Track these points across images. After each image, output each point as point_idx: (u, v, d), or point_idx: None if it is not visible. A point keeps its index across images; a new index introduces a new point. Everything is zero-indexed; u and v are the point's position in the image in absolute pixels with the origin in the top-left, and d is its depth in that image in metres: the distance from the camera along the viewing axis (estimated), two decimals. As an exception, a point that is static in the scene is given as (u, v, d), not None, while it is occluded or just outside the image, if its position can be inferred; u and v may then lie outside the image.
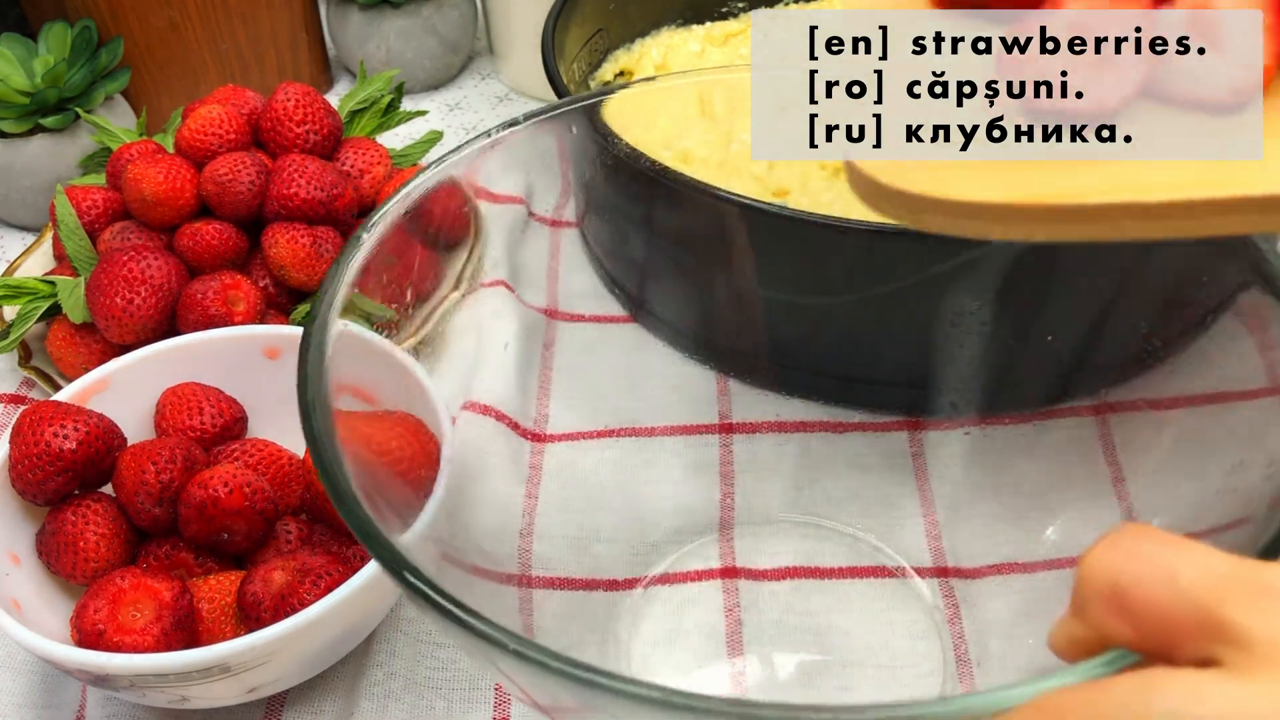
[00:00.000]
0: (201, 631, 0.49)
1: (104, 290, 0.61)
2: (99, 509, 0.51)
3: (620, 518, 0.58)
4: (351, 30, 0.93)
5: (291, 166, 0.66)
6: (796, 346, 0.60)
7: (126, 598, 0.47)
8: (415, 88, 0.95)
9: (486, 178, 0.54)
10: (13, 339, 0.64)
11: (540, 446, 0.60)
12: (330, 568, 0.48)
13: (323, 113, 0.70)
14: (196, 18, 0.84)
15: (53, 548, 0.51)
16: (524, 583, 0.54)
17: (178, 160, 0.67)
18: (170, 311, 0.63)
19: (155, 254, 0.63)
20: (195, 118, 0.69)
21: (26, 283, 0.66)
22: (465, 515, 0.53)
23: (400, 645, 0.53)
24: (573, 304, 0.64)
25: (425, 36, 0.93)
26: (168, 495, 0.50)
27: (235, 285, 0.63)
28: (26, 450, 0.50)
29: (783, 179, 0.65)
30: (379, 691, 0.51)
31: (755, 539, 0.58)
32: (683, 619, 0.55)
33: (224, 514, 0.50)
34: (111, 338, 0.62)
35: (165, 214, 0.66)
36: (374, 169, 0.71)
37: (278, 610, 0.47)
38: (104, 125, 0.75)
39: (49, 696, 0.53)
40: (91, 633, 0.46)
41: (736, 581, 0.56)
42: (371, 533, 0.36)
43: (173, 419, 0.56)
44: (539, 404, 0.61)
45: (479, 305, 0.60)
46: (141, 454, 0.51)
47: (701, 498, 0.59)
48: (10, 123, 0.75)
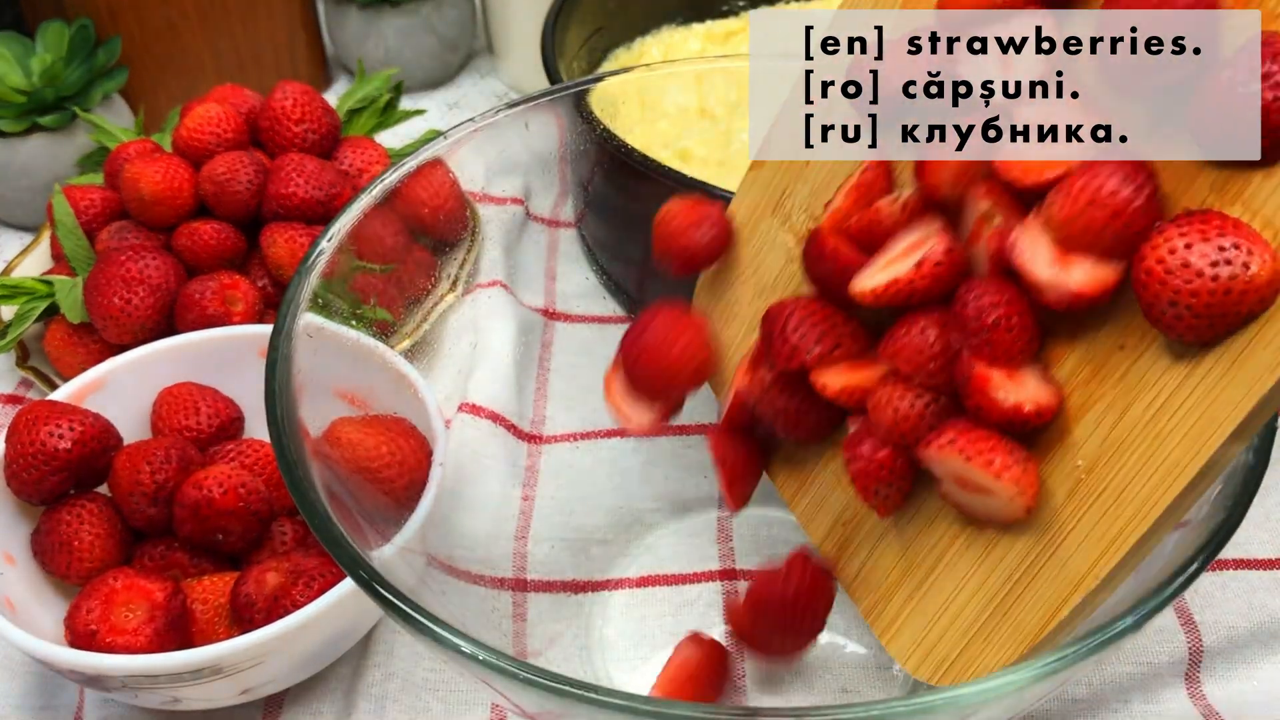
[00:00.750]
0: (195, 632, 0.49)
1: (102, 290, 0.61)
2: (94, 509, 0.51)
3: (617, 519, 0.58)
4: (350, 29, 0.93)
5: (290, 166, 0.65)
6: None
7: (119, 598, 0.47)
8: (414, 87, 0.95)
9: (471, 175, 0.54)
10: (10, 339, 0.64)
11: (538, 448, 0.60)
12: (324, 569, 0.48)
13: (321, 112, 0.70)
14: (194, 17, 0.83)
15: (47, 547, 0.51)
16: (518, 586, 0.54)
17: (176, 159, 0.67)
18: (168, 311, 0.63)
19: (153, 254, 0.63)
20: (193, 117, 0.68)
21: (24, 283, 0.65)
22: (460, 518, 0.52)
23: (398, 646, 0.53)
24: (570, 304, 0.64)
25: (424, 35, 0.93)
26: (163, 495, 0.50)
27: (233, 285, 0.63)
28: (22, 449, 0.50)
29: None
30: (376, 692, 0.51)
31: (754, 540, 0.58)
32: (681, 620, 0.54)
33: (218, 514, 0.49)
34: (109, 338, 0.62)
35: (163, 213, 0.66)
36: (372, 168, 0.71)
37: (270, 611, 0.47)
38: (102, 124, 0.75)
39: (47, 698, 0.53)
40: (84, 633, 0.46)
41: (736, 583, 0.56)
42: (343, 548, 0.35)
43: (169, 419, 0.56)
44: (536, 405, 0.61)
45: (476, 306, 0.60)
46: (137, 454, 0.51)
47: (700, 498, 0.59)
48: (7, 122, 0.75)
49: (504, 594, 0.53)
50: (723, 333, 0.48)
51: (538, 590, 0.54)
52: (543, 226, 0.63)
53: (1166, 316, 0.31)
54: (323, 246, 0.45)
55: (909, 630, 0.39)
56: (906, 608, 0.39)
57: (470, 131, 0.52)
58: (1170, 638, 0.52)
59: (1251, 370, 0.31)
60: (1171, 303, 0.31)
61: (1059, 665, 0.32)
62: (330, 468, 0.41)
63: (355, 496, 0.43)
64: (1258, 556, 0.56)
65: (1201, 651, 0.52)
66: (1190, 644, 0.52)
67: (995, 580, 0.36)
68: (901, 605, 0.39)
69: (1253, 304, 0.31)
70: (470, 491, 0.55)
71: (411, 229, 0.55)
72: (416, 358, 0.55)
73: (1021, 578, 0.36)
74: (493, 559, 0.54)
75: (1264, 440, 0.37)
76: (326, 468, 0.41)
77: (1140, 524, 0.33)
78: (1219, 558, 0.54)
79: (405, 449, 0.48)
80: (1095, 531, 0.34)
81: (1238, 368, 0.31)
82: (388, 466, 0.47)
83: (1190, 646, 0.52)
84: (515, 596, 0.53)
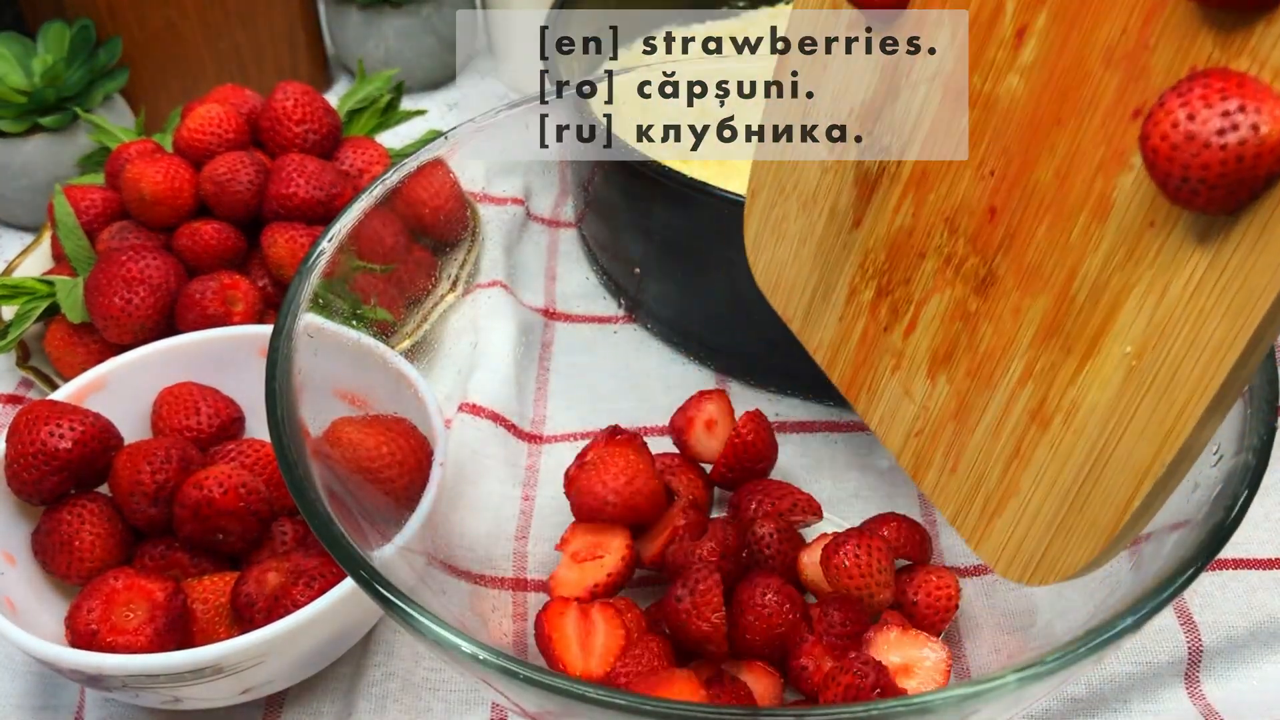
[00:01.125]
0: (195, 632, 0.49)
1: (102, 290, 0.61)
2: (94, 509, 0.51)
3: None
4: (350, 29, 0.93)
5: (290, 166, 0.65)
6: (796, 346, 0.60)
7: (120, 598, 0.47)
8: (414, 87, 0.95)
9: (471, 176, 0.54)
10: (11, 339, 0.64)
11: (538, 447, 0.60)
12: (324, 569, 0.48)
13: (321, 112, 0.70)
14: (195, 17, 0.84)
15: (48, 547, 0.51)
16: (518, 586, 0.54)
17: (176, 160, 0.67)
18: (169, 311, 0.63)
19: (154, 254, 0.63)
20: (194, 117, 0.69)
21: (25, 283, 0.65)
22: (460, 518, 0.52)
23: (399, 646, 0.53)
24: (570, 304, 0.64)
25: (424, 36, 0.93)
26: (163, 495, 0.50)
27: (234, 285, 0.63)
28: (22, 449, 0.50)
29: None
30: (377, 692, 0.51)
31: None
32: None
33: (219, 514, 0.50)
34: (110, 338, 0.62)
35: (164, 213, 0.66)
36: (373, 168, 0.71)
37: (271, 611, 0.47)
38: (102, 125, 0.75)
39: (47, 698, 0.53)
40: (85, 633, 0.46)
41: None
42: (343, 548, 0.36)
43: (169, 419, 0.56)
44: (536, 405, 0.61)
45: (476, 306, 0.60)
46: (137, 454, 0.51)
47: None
48: (8, 122, 0.75)
49: (504, 594, 0.53)
50: (775, 252, 0.49)
51: (538, 590, 0.54)
52: (543, 226, 0.63)
53: (1183, 192, 0.30)
54: (323, 246, 0.45)
55: (994, 534, 0.39)
56: (988, 510, 0.39)
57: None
58: (1170, 637, 0.52)
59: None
60: (1184, 179, 0.30)
61: (1058, 665, 0.32)
62: (330, 468, 0.41)
63: (355, 496, 0.43)
64: (1257, 556, 0.56)
65: (1201, 651, 0.52)
66: (1190, 644, 0.52)
67: (1066, 476, 0.36)
68: (982, 508, 0.39)
69: (1270, 165, 0.29)
70: (470, 491, 0.55)
71: (412, 229, 0.55)
72: (417, 358, 0.55)
73: (1091, 472, 0.35)
74: (493, 559, 0.54)
75: (1264, 440, 0.37)
76: (327, 468, 0.41)
77: (1196, 408, 0.32)
78: (1219, 558, 0.54)
79: (405, 449, 0.48)
80: (1153, 420, 0.33)
81: (1269, 233, 0.30)
82: (388, 466, 0.47)
83: (1190, 646, 0.52)
84: (515, 596, 0.53)
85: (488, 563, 0.53)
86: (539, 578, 0.54)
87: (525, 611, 0.53)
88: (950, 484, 0.41)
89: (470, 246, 0.61)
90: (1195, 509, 0.38)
